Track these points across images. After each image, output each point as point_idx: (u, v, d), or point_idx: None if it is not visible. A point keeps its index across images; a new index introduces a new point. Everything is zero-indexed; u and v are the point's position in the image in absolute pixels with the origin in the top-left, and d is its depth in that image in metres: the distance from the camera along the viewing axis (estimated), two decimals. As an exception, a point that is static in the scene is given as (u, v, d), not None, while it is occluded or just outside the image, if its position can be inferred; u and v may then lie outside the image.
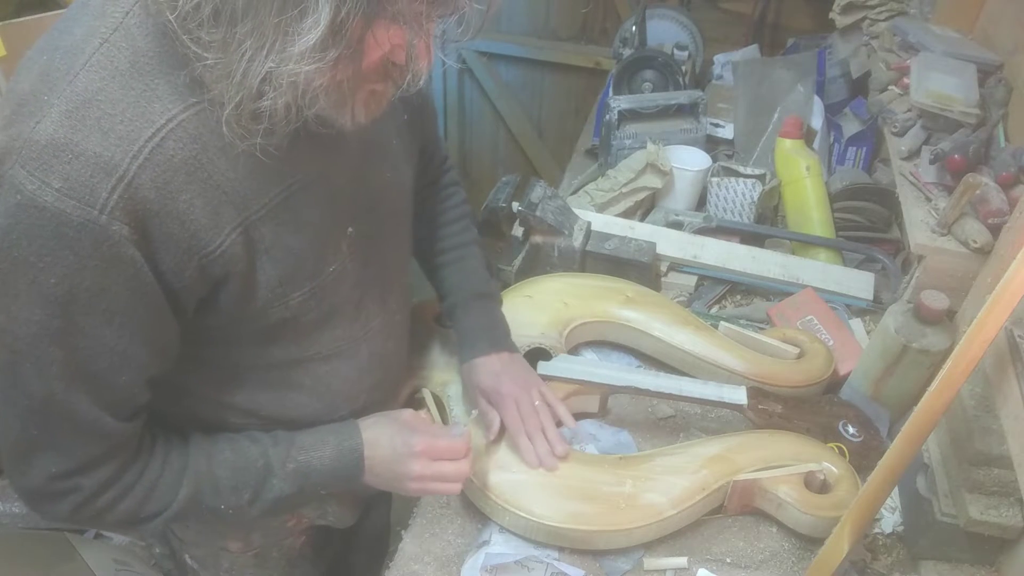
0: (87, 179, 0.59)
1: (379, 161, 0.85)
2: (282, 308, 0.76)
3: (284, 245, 0.73)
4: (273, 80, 0.58)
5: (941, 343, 1.02)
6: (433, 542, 0.97)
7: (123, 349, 0.67)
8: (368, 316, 0.88)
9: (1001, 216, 1.12)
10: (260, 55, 0.57)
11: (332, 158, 0.76)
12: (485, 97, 3.13)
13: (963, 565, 0.97)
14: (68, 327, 0.64)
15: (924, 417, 0.78)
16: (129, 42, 0.62)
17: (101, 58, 0.61)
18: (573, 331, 1.21)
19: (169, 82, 0.62)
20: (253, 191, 0.69)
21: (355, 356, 0.89)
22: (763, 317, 1.35)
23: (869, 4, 1.78)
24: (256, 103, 0.60)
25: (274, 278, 0.73)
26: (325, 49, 0.56)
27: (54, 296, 0.62)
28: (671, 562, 0.95)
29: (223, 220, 0.67)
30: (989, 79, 1.37)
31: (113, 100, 0.61)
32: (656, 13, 2.12)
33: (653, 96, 1.70)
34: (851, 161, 1.65)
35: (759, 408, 1.08)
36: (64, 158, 0.59)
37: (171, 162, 0.63)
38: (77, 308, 0.63)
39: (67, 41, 0.63)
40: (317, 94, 0.61)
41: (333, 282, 0.80)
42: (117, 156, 0.60)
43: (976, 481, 0.91)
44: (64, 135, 0.59)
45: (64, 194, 0.59)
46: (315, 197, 0.74)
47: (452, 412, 1.07)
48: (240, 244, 0.69)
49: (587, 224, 1.38)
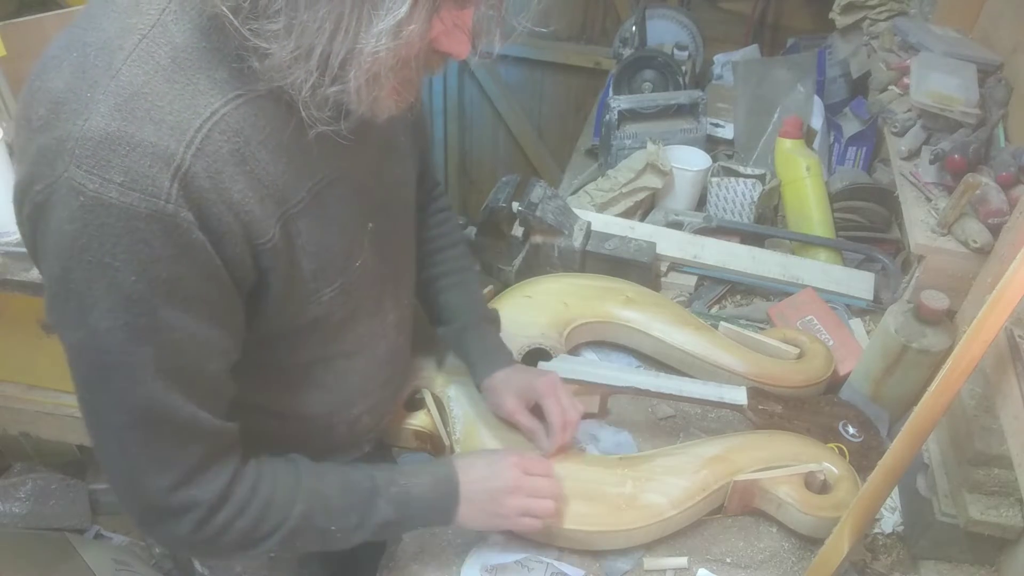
0: (147, 169, 0.59)
1: (394, 157, 0.86)
2: (315, 306, 0.76)
3: (317, 240, 0.73)
4: (354, 60, 0.58)
5: (941, 343, 1.02)
6: (433, 542, 0.97)
7: (205, 335, 0.67)
8: (386, 311, 0.90)
9: (1001, 216, 1.12)
10: (339, 36, 0.57)
11: (355, 154, 0.76)
12: (485, 97, 3.13)
13: (963, 565, 0.97)
14: (154, 322, 0.63)
15: (924, 417, 0.78)
16: (167, 38, 0.61)
17: (142, 53, 0.60)
18: (573, 331, 1.21)
19: (209, 77, 0.62)
20: (289, 185, 0.69)
21: (374, 351, 0.90)
22: (763, 317, 1.35)
23: (869, 4, 1.78)
24: (332, 87, 0.60)
25: (308, 273, 0.74)
26: (403, 25, 0.57)
27: (136, 293, 0.61)
28: (671, 562, 0.95)
29: (269, 213, 0.67)
30: (989, 79, 1.37)
31: (160, 93, 0.60)
32: (656, 13, 2.12)
33: (653, 96, 1.70)
34: (851, 161, 1.65)
35: (759, 408, 1.09)
36: (121, 151, 0.58)
37: (219, 153, 0.63)
38: (159, 301, 0.62)
39: (98, 37, 0.62)
40: (383, 76, 0.61)
41: (358, 278, 0.80)
42: (172, 145, 0.60)
43: (976, 481, 0.91)
44: (118, 127, 0.58)
45: (128, 187, 0.58)
46: (341, 193, 0.75)
47: (452, 412, 1.07)
48: (281, 237, 0.69)
49: (587, 224, 1.38)
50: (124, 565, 1.63)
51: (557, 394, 1.00)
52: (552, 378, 1.02)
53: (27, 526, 1.68)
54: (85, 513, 1.76)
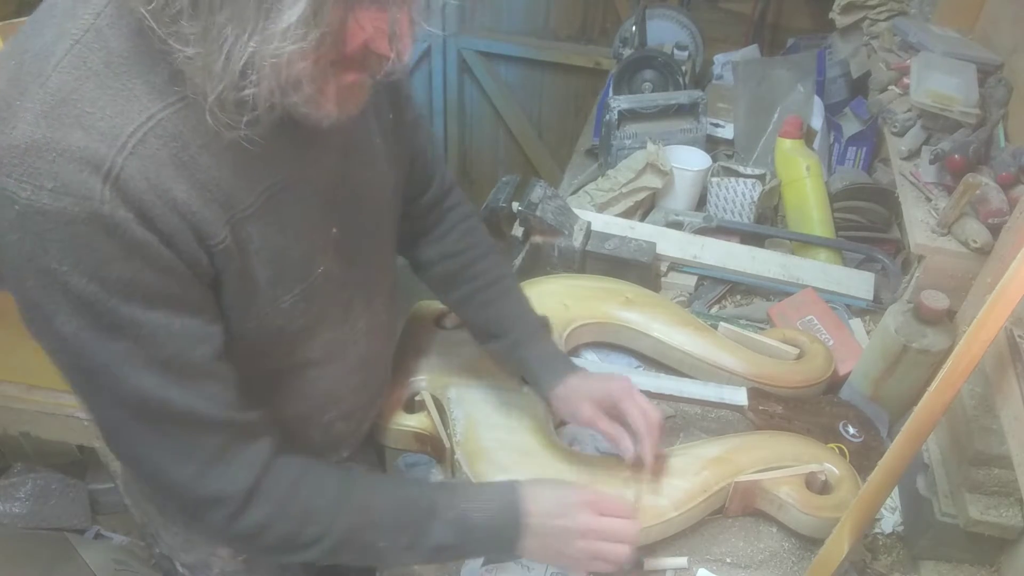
0: (76, 175, 0.58)
1: (361, 161, 0.83)
2: (274, 312, 0.75)
3: (272, 246, 0.72)
4: (256, 63, 0.57)
5: (941, 343, 1.02)
6: (433, 543, 0.97)
7: (180, 326, 0.66)
8: (355, 318, 0.87)
9: (1001, 216, 1.12)
10: (242, 39, 0.56)
11: (314, 158, 0.75)
12: (485, 97, 3.13)
13: (963, 565, 0.97)
14: (117, 320, 0.62)
15: (924, 417, 0.78)
16: (102, 43, 0.60)
17: (73, 59, 0.59)
18: (573, 333, 1.21)
19: (146, 82, 0.61)
20: (237, 190, 0.68)
21: (343, 359, 0.88)
22: (763, 317, 1.35)
23: (869, 4, 1.78)
24: (240, 91, 0.59)
25: (265, 279, 0.72)
26: (307, 27, 0.56)
27: (91, 295, 0.61)
28: (671, 562, 0.95)
29: (217, 217, 0.66)
30: (989, 79, 1.37)
31: (90, 99, 0.59)
32: (656, 13, 2.12)
33: (653, 96, 1.70)
34: (851, 161, 1.65)
35: (759, 409, 1.09)
36: (48, 157, 0.57)
37: (157, 156, 0.61)
38: (117, 300, 0.62)
39: (36, 44, 0.61)
40: (300, 79, 0.60)
41: (322, 284, 0.79)
42: (102, 150, 0.59)
43: (976, 481, 0.91)
44: (42, 135, 0.57)
45: (60, 193, 0.58)
46: (298, 197, 0.73)
47: (452, 414, 1.06)
48: (231, 242, 0.68)
49: (587, 224, 1.38)
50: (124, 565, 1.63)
51: (634, 396, 0.96)
52: (625, 381, 0.98)
53: (27, 526, 1.68)
54: (85, 513, 1.76)
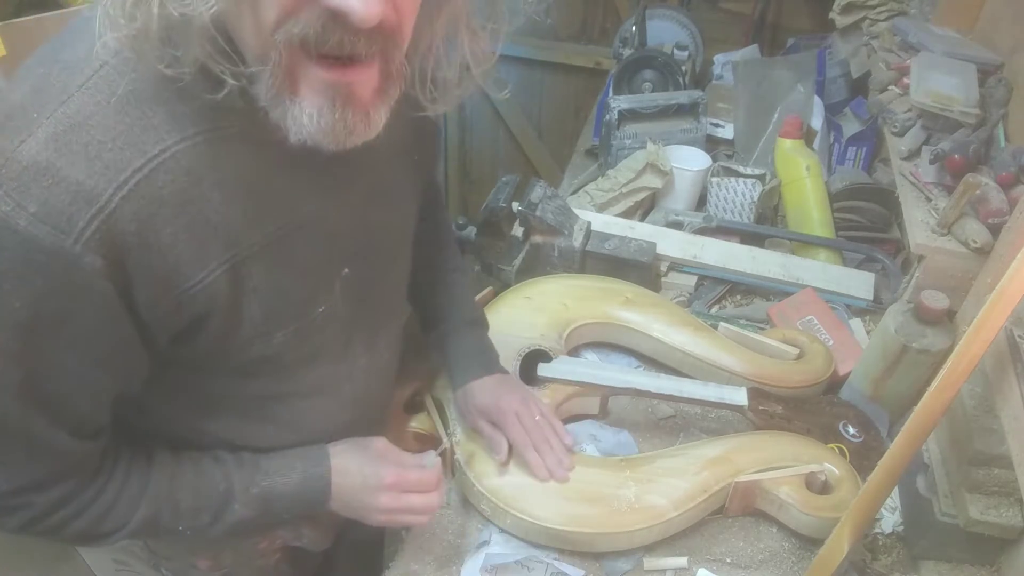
0: (65, 207, 0.57)
1: (384, 204, 0.82)
2: (263, 346, 0.74)
3: (273, 285, 0.71)
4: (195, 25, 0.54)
5: (941, 343, 1.02)
6: (433, 542, 0.97)
7: (85, 374, 0.65)
8: (354, 357, 0.86)
9: (1001, 216, 1.12)
10: None
11: (335, 198, 0.74)
12: (485, 97, 3.12)
13: (963, 565, 0.97)
14: (28, 350, 0.61)
15: (924, 417, 0.78)
16: (132, 66, 0.59)
17: (99, 81, 0.59)
18: (573, 332, 1.21)
19: (169, 111, 0.60)
20: (246, 228, 0.67)
21: (336, 394, 0.87)
22: (763, 317, 1.35)
23: (869, 4, 1.78)
24: None
25: (258, 316, 0.71)
26: None
27: (17, 320, 0.59)
28: (671, 562, 0.95)
29: (209, 255, 0.65)
30: (989, 79, 1.37)
31: (105, 127, 0.58)
32: (656, 13, 2.12)
33: (653, 96, 1.70)
34: (851, 161, 1.65)
35: (759, 409, 1.09)
36: (44, 182, 0.56)
37: (158, 194, 0.60)
38: (41, 333, 0.61)
39: (69, 56, 0.61)
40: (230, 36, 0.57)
41: (320, 323, 0.78)
42: (100, 185, 0.58)
43: (976, 481, 0.91)
44: (47, 158, 0.57)
45: (39, 219, 0.56)
46: (311, 238, 0.72)
47: (451, 414, 1.07)
48: (225, 281, 0.67)
49: (587, 224, 1.38)
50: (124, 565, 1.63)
51: (521, 418, 0.98)
52: (521, 404, 0.99)
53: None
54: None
